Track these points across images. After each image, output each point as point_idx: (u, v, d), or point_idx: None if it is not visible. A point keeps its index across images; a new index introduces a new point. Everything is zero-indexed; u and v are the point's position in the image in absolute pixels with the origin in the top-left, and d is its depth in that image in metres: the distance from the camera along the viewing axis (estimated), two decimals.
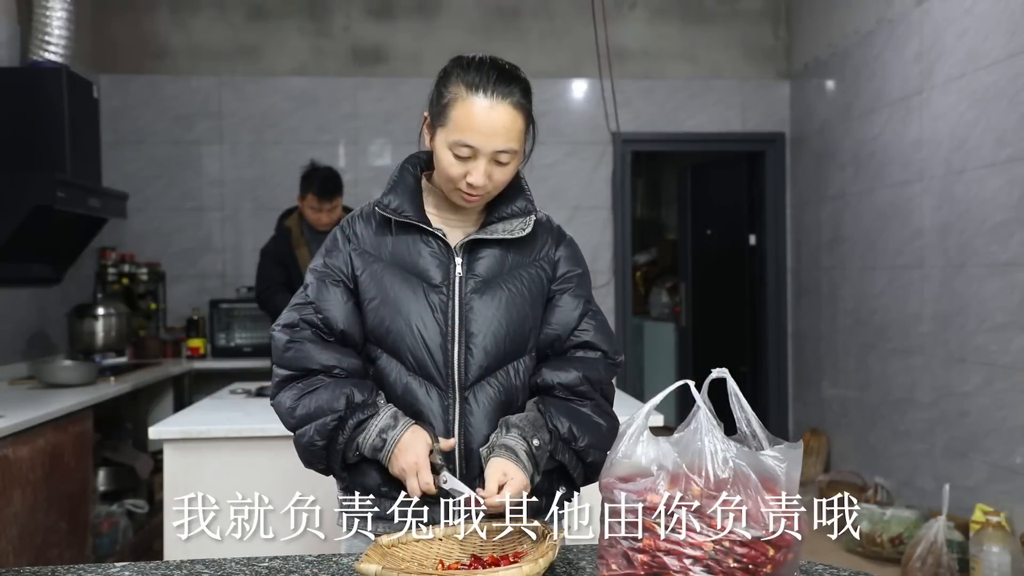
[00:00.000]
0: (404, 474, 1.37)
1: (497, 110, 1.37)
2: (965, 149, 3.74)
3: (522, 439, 1.40)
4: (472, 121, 1.37)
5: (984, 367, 3.61)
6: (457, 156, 1.39)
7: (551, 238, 1.56)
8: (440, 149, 1.41)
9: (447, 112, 1.39)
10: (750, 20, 5.63)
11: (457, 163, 1.40)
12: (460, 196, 1.44)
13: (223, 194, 5.30)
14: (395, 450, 1.39)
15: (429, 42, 5.33)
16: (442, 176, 1.44)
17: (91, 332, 4.32)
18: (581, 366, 1.50)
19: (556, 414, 1.44)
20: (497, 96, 1.37)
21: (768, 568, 1.05)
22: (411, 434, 1.39)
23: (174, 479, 2.57)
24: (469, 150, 1.38)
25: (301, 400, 1.44)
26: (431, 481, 1.35)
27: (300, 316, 1.49)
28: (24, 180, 3.44)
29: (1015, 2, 3.41)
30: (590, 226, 5.46)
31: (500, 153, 1.39)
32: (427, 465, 1.36)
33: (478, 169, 1.39)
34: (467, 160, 1.39)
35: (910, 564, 3.41)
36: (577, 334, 1.53)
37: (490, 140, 1.38)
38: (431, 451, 1.38)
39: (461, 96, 1.38)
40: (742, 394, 1.14)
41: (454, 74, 1.40)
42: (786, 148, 5.65)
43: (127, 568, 1.33)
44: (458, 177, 1.41)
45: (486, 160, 1.39)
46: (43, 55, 3.78)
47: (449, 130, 1.39)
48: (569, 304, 1.53)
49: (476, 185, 1.40)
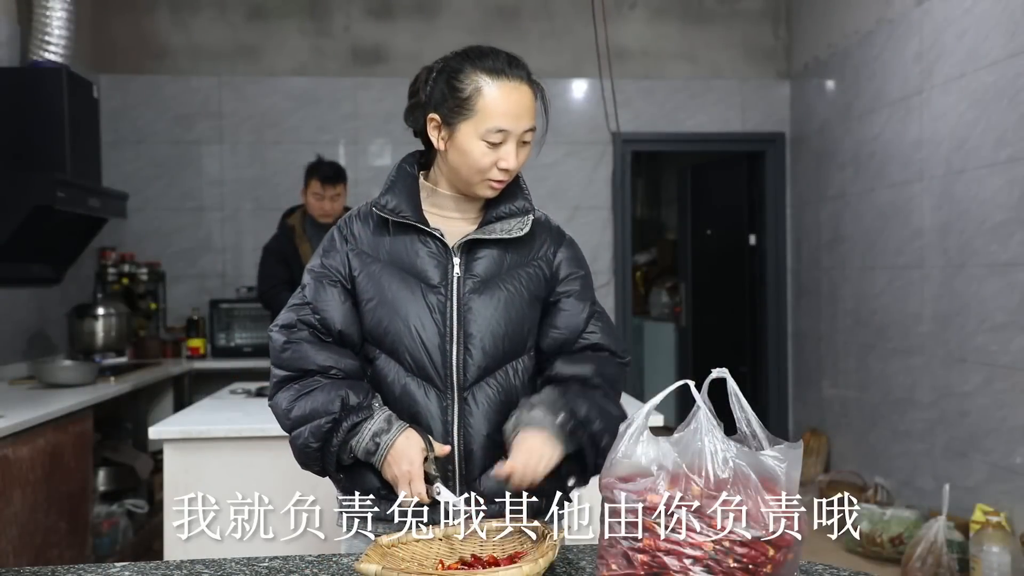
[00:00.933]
0: (397, 482, 1.37)
1: (520, 90, 1.41)
2: (965, 149, 3.74)
3: (550, 413, 1.40)
4: (501, 105, 1.39)
5: (984, 367, 3.61)
6: (490, 144, 1.41)
7: (550, 238, 1.56)
8: (468, 142, 1.41)
9: (471, 103, 1.40)
10: (750, 20, 5.63)
11: (490, 151, 1.41)
12: (489, 185, 1.45)
13: (223, 194, 5.30)
14: (388, 456, 1.38)
15: (429, 42, 5.33)
16: (471, 169, 1.44)
17: (91, 332, 4.32)
18: (594, 362, 1.51)
19: (573, 397, 1.44)
20: (516, 77, 1.41)
21: (768, 568, 1.05)
22: (405, 439, 1.39)
23: (174, 479, 2.57)
24: (502, 135, 1.40)
25: (297, 402, 1.44)
26: (424, 491, 1.35)
27: (298, 317, 1.49)
28: (24, 180, 3.44)
29: (1015, 2, 3.41)
30: (590, 226, 5.46)
31: (527, 132, 1.43)
32: (420, 474, 1.35)
33: (510, 152, 1.42)
34: (499, 146, 1.41)
35: (910, 564, 3.41)
36: (585, 336, 1.53)
37: (520, 120, 1.41)
38: (426, 458, 1.37)
39: (484, 83, 1.40)
40: (742, 394, 1.14)
41: (466, 65, 1.41)
42: (786, 148, 5.65)
43: (127, 568, 1.33)
44: (489, 166, 1.42)
45: (515, 142, 1.42)
46: (43, 55, 3.78)
47: (478, 120, 1.40)
48: (575, 307, 1.53)
49: (511, 168, 1.43)
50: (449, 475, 1.44)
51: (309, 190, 3.64)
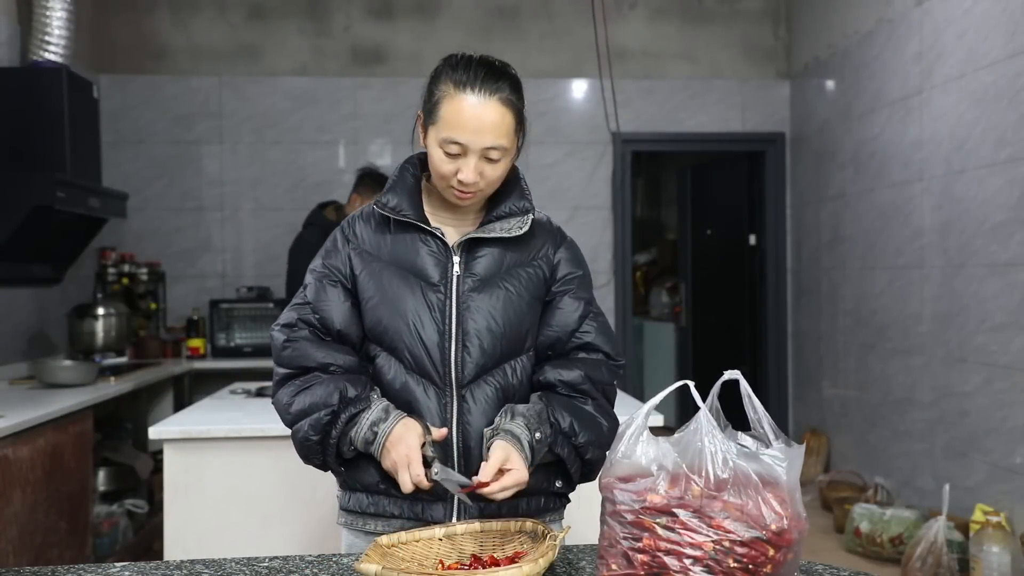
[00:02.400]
0: (395, 467, 1.37)
1: (485, 107, 1.38)
2: (965, 149, 3.74)
3: (526, 429, 1.40)
4: (460, 118, 1.38)
5: (984, 367, 3.61)
6: (448, 153, 1.40)
7: (550, 239, 1.56)
8: (432, 147, 1.43)
9: (437, 110, 1.40)
10: (750, 20, 5.63)
11: (448, 160, 1.41)
12: (453, 194, 1.45)
13: (223, 194, 5.31)
14: (386, 443, 1.38)
15: (429, 42, 5.33)
16: (435, 174, 1.45)
17: (91, 332, 4.33)
18: (584, 366, 1.50)
19: (558, 408, 1.45)
20: (485, 93, 1.38)
21: (768, 568, 1.05)
22: (402, 426, 1.39)
23: (174, 479, 2.57)
24: (459, 147, 1.39)
25: (297, 396, 1.45)
26: (422, 474, 1.35)
27: (298, 316, 1.51)
28: (24, 180, 3.44)
29: (1015, 2, 3.42)
30: (590, 226, 5.47)
31: (490, 150, 1.40)
32: (418, 458, 1.36)
33: (468, 166, 1.40)
34: (457, 157, 1.40)
35: (910, 564, 3.41)
36: (578, 335, 1.53)
37: (479, 137, 1.38)
38: (423, 444, 1.38)
39: (450, 94, 1.39)
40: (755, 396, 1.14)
41: (444, 72, 1.42)
42: (786, 148, 5.66)
43: (127, 568, 1.33)
44: (449, 174, 1.42)
45: (476, 157, 1.40)
46: (43, 55, 3.78)
47: (439, 128, 1.40)
48: (570, 306, 1.54)
49: (467, 182, 1.41)
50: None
51: (362, 199, 3.58)
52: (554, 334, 1.53)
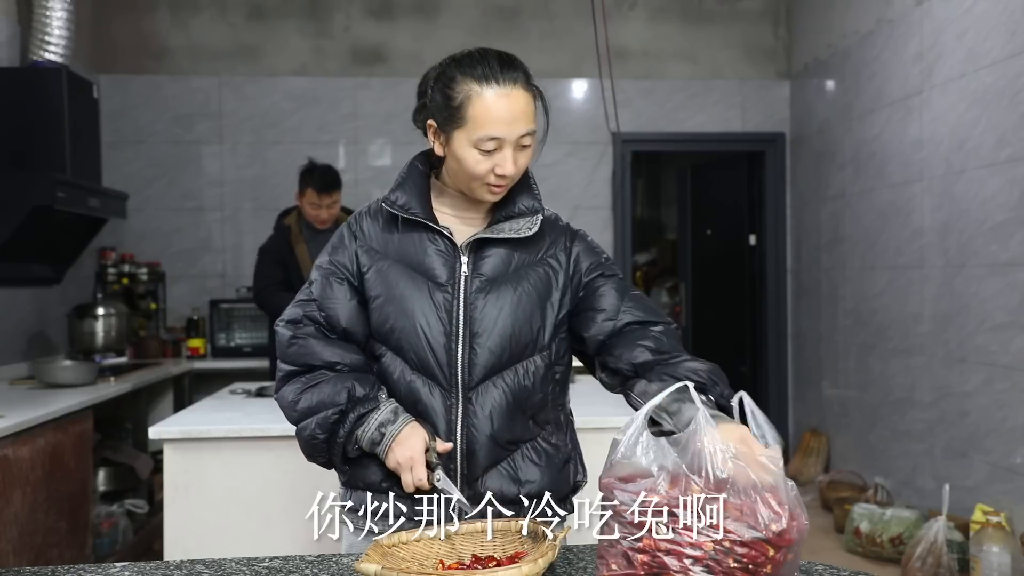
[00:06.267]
0: (399, 467, 1.38)
1: (513, 95, 1.38)
2: (965, 149, 3.74)
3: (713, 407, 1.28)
4: (493, 113, 1.37)
5: (984, 367, 3.61)
6: (484, 151, 1.39)
7: (560, 237, 1.54)
8: (462, 150, 1.40)
9: (462, 112, 1.38)
10: (750, 20, 5.63)
11: (484, 158, 1.39)
12: (488, 190, 1.44)
13: (223, 194, 5.31)
14: (392, 444, 1.39)
15: (429, 42, 5.33)
16: (467, 175, 1.42)
17: (91, 332, 4.33)
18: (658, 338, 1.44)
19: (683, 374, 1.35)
20: (508, 82, 1.38)
21: (768, 568, 1.05)
22: (410, 429, 1.39)
23: (174, 479, 2.57)
24: (495, 142, 1.38)
25: (304, 394, 1.44)
26: (424, 477, 1.35)
27: (304, 312, 1.50)
28: (24, 180, 3.44)
29: (1015, 2, 3.41)
30: (590, 226, 5.41)
31: (523, 137, 1.40)
32: (422, 461, 1.36)
33: (506, 159, 1.39)
34: (493, 153, 1.39)
35: (910, 564, 3.41)
36: (624, 314, 1.48)
37: (513, 127, 1.38)
38: (427, 449, 1.38)
39: (474, 91, 1.37)
40: (759, 409, 1.15)
41: (456, 73, 1.39)
42: (786, 148, 5.65)
43: (127, 568, 1.33)
44: (485, 172, 1.41)
45: (512, 148, 1.40)
46: (43, 55, 3.78)
47: (470, 128, 1.38)
48: (609, 288, 1.50)
49: (508, 175, 1.40)
50: (451, 474, 1.44)
51: (305, 199, 3.59)
52: (608, 319, 1.48)
